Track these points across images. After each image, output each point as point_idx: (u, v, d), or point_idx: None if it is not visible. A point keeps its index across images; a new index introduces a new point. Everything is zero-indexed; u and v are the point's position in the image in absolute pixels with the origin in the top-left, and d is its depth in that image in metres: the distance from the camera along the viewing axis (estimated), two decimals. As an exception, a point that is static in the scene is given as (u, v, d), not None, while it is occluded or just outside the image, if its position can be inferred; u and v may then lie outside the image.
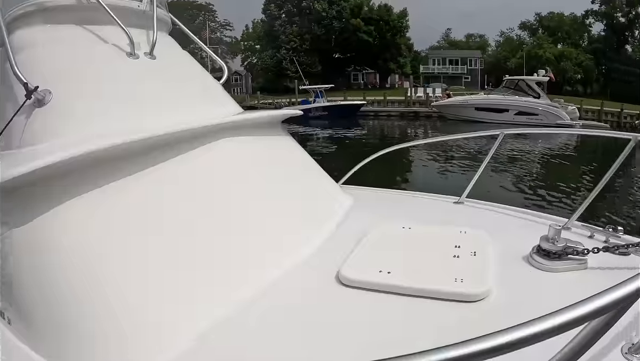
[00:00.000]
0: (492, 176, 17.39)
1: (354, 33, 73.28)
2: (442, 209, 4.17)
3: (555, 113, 40.20)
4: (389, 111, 50.17)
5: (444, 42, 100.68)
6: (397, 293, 2.36)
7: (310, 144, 28.65)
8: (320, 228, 3.26)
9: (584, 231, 3.37)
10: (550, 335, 0.99)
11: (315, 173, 3.96)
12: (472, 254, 2.76)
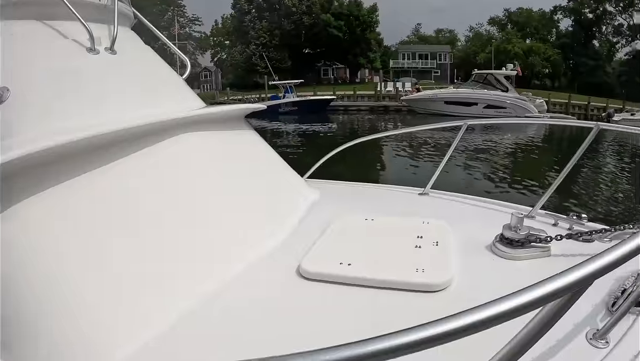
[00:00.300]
0: (463, 168, 17.75)
1: (324, 28, 73.31)
2: (407, 201, 4.17)
3: (523, 106, 41.23)
4: (359, 105, 50.51)
5: (414, 37, 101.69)
6: (357, 285, 2.35)
7: (280, 139, 28.73)
8: (284, 221, 3.25)
9: (548, 220, 3.45)
10: (503, 319, 0.99)
11: (279, 168, 3.93)
12: (434, 244, 2.76)
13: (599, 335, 1.89)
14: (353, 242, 2.84)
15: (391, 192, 4.55)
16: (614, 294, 2.16)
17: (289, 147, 24.05)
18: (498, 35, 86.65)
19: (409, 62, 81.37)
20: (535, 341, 1.18)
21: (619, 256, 1.13)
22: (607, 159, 23.89)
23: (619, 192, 16.33)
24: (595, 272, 1.09)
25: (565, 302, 1.12)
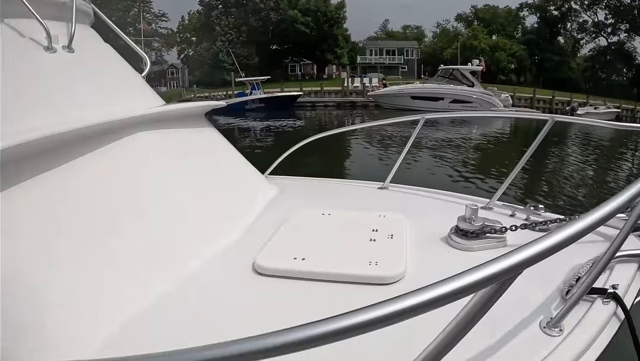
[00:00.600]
0: (428, 162, 18.01)
1: (292, 24, 72.80)
2: (366, 195, 4.24)
3: (488, 101, 41.92)
4: (326, 101, 50.49)
5: (381, 33, 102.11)
6: (311, 279, 2.38)
7: (248, 136, 28.59)
8: (241, 219, 3.26)
9: (506, 211, 3.55)
10: (430, 307, 1.00)
11: (238, 165, 3.94)
12: (389, 237, 2.79)
13: (553, 323, 1.92)
14: (308, 237, 2.85)
15: (351, 186, 4.68)
16: (569, 282, 2.20)
17: (256, 144, 24.00)
18: (465, 31, 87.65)
19: (377, 58, 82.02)
20: (468, 329, 1.17)
21: (547, 247, 1.13)
22: (570, 150, 24.64)
23: (579, 182, 16.77)
24: (523, 262, 1.09)
25: (495, 291, 1.11)
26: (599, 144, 28.33)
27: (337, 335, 0.95)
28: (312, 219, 3.16)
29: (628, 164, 23.37)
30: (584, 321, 1.96)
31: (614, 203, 1.40)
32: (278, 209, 3.51)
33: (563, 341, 1.85)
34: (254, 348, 0.95)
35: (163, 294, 2.27)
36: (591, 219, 1.30)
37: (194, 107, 3.54)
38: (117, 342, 1.94)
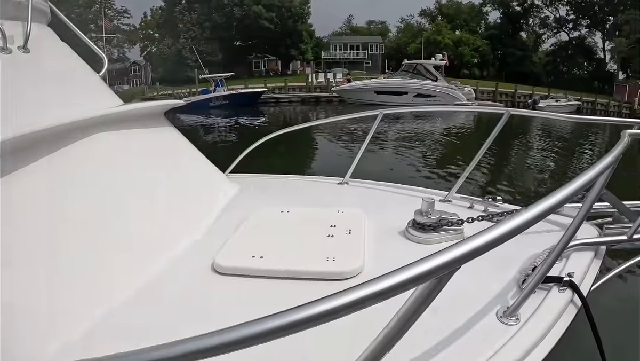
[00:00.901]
0: (391, 156, 18.26)
1: (256, 20, 72.06)
2: (326, 191, 4.29)
3: (452, 94, 42.63)
4: (290, 97, 50.42)
5: (346, 28, 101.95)
6: (269, 277, 2.39)
7: (212, 134, 28.28)
8: (203, 218, 3.25)
9: (464, 203, 3.63)
10: (370, 302, 1.01)
11: (199, 164, 3.92)
12: (348, 232, 2.81)
13: (509, 313, 1.96)
14: (267, 235, 2.86)
15: (311, 183, 4.69)
16: (525, 271, 2.27)
17: (219, 142, 23.77)
18: (429, 26, 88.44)
19: (341, 53, 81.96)
20: (412, 323, 1.18)
21: (486, 242, 1.14)
22: (531, 143, 25.28)
23: (539, 174, 17.24)
24: (461, 257, 1.09)
25: (435, 285, 1.12)
26: (560, 136, 29.03)
27: (273, 333, 0.96)
28: (271, 217, 3.17)
29: (588, 154, 24.05)
30: (541, 310, 2.00)
31: (562, 193, 1.42)
32: (238, 208, 3.49)
33: (520, 330, 1.89)
34: (200, 347, 0.95)
35: (122, 298, 2.24)
36: (536, 210, 1.31)
37: (152, 106, 3.54)
38: (75, 347, 1.89)
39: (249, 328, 0.95)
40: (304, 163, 17.83)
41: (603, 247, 2.68)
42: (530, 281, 2.01)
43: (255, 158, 4.87)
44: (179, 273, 2.54)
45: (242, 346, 0.95)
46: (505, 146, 20.94)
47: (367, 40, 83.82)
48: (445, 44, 75.19)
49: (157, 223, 2.89)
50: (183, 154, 3.80)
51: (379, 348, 1.21)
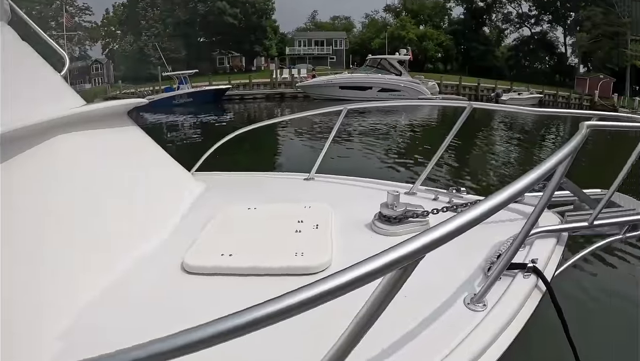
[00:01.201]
0: (357, 151, 18.31)
1: (219, 16, 71.42)
2: (293, 187, 4.31)
3: (416, 89, 43.17)
4: (255, 93, 50.14)
5: (310, 24, 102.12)
6: (239, 275, 2.38)
7: (176, 132, 27.70)
8: (169, 218, 3.23)
9: (429, 195, 3.72)
10: (339, 293, 1.03)
11: (164, 163, 3.88)
12: (315, 227, 2.84)
13: (476, 299, 2.02)
14: (235, 233, 2.85)
15: (278, 179, 4.80)
16: (490, 259, 2.33)
17: (184, 140, 23.35)
18: (393, 22, 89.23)
19: (305, 48, 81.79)
20: (380, 313, 1.20)
21: (448, 231, 1.18)
22: (494, 134, 25.93)
23: (502, 165, 17.77)
24: (425, 246, 1.12)
25: (400, 275, 1.15)
26: (522, 128, 29.75)
27: (240, 330, 0.97)
28: (238, 214, 3.15)
29: (549, 145, 24.68)
30: (507, 295, 2.07)
31: (522, 183, 1.49)
32: (205, 206, 3.48)
33: (487, 315, 1.94)
34: (164, 349, 0.94)
35: (90, 301, 2.20)
36: (497, 199, 1.36)
37: (115, 106, 3.51)
38: (40, 353, 1.86)
39: (223, 323, 0.97)
40: (270, 160, 17.76)
41: (565, 234, 2.78)
42: (496, 268, 2.06)
43: (220, 156, 4.86)
44: (147, 273, 2.52)
45: (216, 342, 0.96)
46: (469, 139, 21.34)
47: (331, 36, 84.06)
48: (409, 39, 76.02)
49: (123, 223, 2.85)
50: (147, 154, 3.75)
51: (349, 339, 1.22)
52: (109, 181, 3.02)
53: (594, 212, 2.77)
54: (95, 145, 3.15)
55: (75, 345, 1.91)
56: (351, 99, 37.61)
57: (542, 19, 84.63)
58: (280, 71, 57.67)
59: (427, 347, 1.79)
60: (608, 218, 2.93)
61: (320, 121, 23.93)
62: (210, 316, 1.03)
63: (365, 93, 41.80)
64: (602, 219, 2.86)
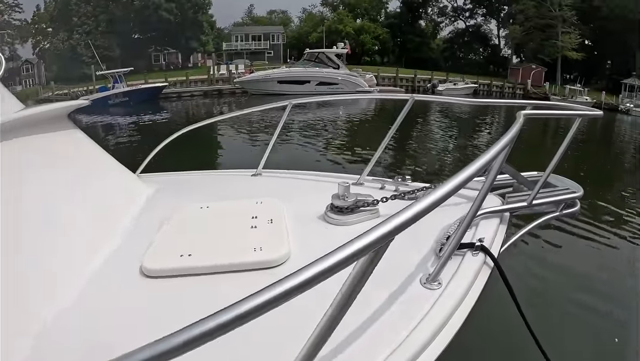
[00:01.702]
0: (300, 145, 18.81)
1: (155, 11, 69.94)
2: (241, 183, 4.35)
3: (354, 81, 43.73)
4: (192, 90, 49.48)
5: (247, 18, 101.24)
6: (200, 274, 2.36)
7: (113, 134, 27.03)
8: (120, 222, 3.15)
9: (376, 185, 3.84)
10: (320, 279, 1.09)
11: (108, 166, 3.78)
12: (269, 222, 2.86)
13: (431, 278, 2.15)
14: (191, 232, 2.82)
15: (225, 176, 4.81)
16: (441, 241, 2.47)
17: (123, 142, 22.97)
18: (330, 15, 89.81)
19: (242, 44, 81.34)
20: (356, 295, 1.29)
21: (415, 213, 1.30)
22: (433, 124, 26.50)
23: (442, 152, 18.98)
24: (395, 229, 1.22)
25: (373, 257, 1.24)
26: (459, 117, 30.55)
27: (225, 327, 1.00)
28: (191, 214, 3.11)
29: (485, 133, 25.51)
30: (459, 273, 2.21)
31: (471, 169, 1.64)
32: (155, 208, 3.43)
33: (443, 292, 2.07)
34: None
35: (48, 318, 2.09)
36: (452, 184, 1.51)
37: (56, 109, 3.38)
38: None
39: (217, 319, 0.99)
40: (216, 158, 17.90)
41: (507, 214, 3.01)
42: (447, 249, 2.21)
43: (164, 156, 4.84)
44: (106, 282, 2.45)
45: (204, 341, 0.97)
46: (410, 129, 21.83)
47: (268, 31, 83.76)
48: (346, 32, 76.66)
49: (72, 233, 2.77)
50: (91, 158, 3.66)
51: (330, 320, 1.30)
52: (54, 188, 2.92)
53: (532, 193, 3.02)
54: (38, 151, 3.06)
55: (40, 356, 1.89)
56: (290, 93, 37.91)
57: (477, 13, 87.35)
58: (217, 67, 57.02)
59: (391, 326, 1.88)
60: (545, 197, 3.19)
61: (259, 116, 24.12)
62: (178, 318, 1.17)
63: (304, 87, 42.13)
64: (539, 199, 3.10)
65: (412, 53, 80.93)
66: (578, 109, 3.22)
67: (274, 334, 1.85)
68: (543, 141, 22.48)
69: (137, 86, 44.73)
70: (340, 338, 1.78)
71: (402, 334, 1.83)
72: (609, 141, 33.67)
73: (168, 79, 49.72)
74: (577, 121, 3.09)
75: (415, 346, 1.78)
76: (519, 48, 78.10)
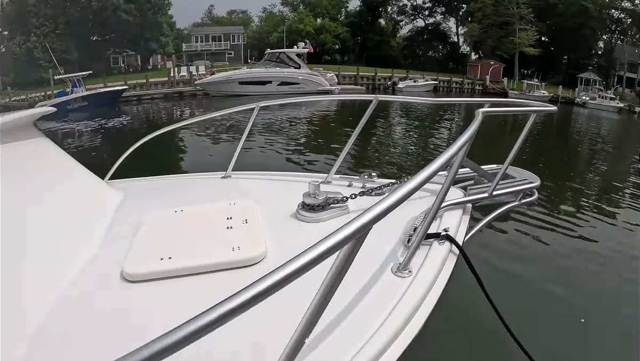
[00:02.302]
0: (267, 146, 19.06)
1: (113, 12, 68.44)
2: (212, 186, 4.38)
3: (315, 81, 43.97)
4: (153, 93, 48.38)
5: (207, 18, 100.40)
6: (182, 276, 2.40)
7: (74, 140, 25.88)
8: (94, 231, 3.12)
9: (343, 182, 3.99)
10: (307, 268, 1.19)
11: (77, 173, 3.74)
12: (244, 222, 2.92)
13: (402, 267, 2.30)
14: (168, 236, 2.84)
15: (195, 180, 4.81)
16: (409, 232, 2.61)
17: (86, 148, 22.28)
18: (291, 15, 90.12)
19: (203, 44, 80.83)
20: (340, 281, 1.42)
21: (389, 205, 1.45)
22: (396, 122, 26.97)
23: (405, 149, 19.57)
24: (373, 219, 1.38)
25: (354, 246, 1.37)
26: (421, 114, 31.18)
27: (215, 323, 1.05)
28: (166, 218, 3.14)
29: (445, 129, 26.07)
30: (428, 261, 2.37)
31: (436, 164, 1.82)
32: (128, 214, 3.43)
33: (414, 280, 2.22)
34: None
35: (30, 334, 2.08)
36: (419, 178, 1.69)
37: (21, 117, 3.33)
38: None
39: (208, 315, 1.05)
40: (184, 161, 18.00)
41: (469, 205, 3.20)
42: (415, 239, 2.37)
43: (132, 162, 4.84)
44: (87, 289, 2.45)
45: (199, 337, 1.03)
46: (374, 127, 22.20)
47: (229, 31, 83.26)
48: (307, 32, 76.89)
49: (46, 243, 2.73)
50: (60, 165, 3.62)
51: (317, 306, 1.43)
52: (23, 198, 2.87)
53: (492, 184, 3.22)
54: (3, 160, 2.96)
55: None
56: (252, 94, 37.92)
57: (436, 11, 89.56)
58: (178, 68, 56.03)
59: (367, 314, 2.01)
60: (505, 188, 3.39)
61: (223, 118, 23.98)
62: (162, 321, 1.32)
63: (265, 87, 42.22)
64: (499, 190, 3.30)
65: (372, 51, 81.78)
66: (533, 105, 3.46)
67: (259, 330, 1.93)
68: (502, 136, 23.18)
69: (97, 89, 43.40)
70: (318, 330, 1.82)
71: (377, 320, 1.95)
72: (566, 132, 35.03)
73: (128, 81, 48.44)
74: (532, 117, 3.30)
75: (391, 331, 1.91)
76: (478, 45, 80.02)
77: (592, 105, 56.68)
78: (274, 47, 55.85)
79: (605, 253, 8.71)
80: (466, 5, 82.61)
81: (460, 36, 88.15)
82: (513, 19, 71.05)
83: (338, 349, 1.82)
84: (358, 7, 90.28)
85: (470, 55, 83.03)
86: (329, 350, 1.82)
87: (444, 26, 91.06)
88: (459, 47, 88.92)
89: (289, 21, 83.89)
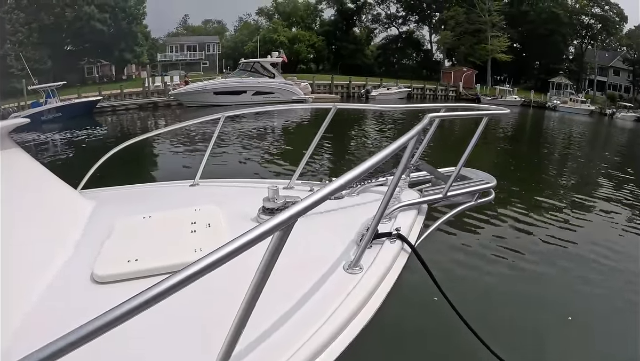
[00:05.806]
0: (237, 154, 19.75)
1: (87, 22, 67.60)
2: (180, 193, 4.57)
3: (289, 90, 44.33)
4: (127, 104, 47.78)
5: (181, 28, 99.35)
6: (147, 276, 2.50)
7: (48, 152, 25.54)
8: (66, 238, 3.23)
9: (305, 188, 4.12)
10: (241, 250, 1.35)
11: (51, 184, 3.82)
12: (207, 226, 3.09)
13: (353, 264, 2.45)
14: (136, 240, 2.97)
15: (165, 188, 4.97)
16: (361, 233, 2.75)
17: (60, 159, 22.21)
18: (266, 25, 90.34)
19: (177, 54, 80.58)
20: (272, 267, 1.57)
21: (313, 201, 1.62)
22: (364, 128, 27.52)
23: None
24: (298, 212, 1.54)
25: (283, 233, 1.53)
26: (390, 120, 31.66)
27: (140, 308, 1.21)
28: (135, 224, 3.26)
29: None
30: (378, 258, 2.53)
31: (365, 165, 1.99)
32: (99, 222, 3.51)
33: (364, 276, 2.38)
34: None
35: (9, 332, 2.17)
36: (345, 179, 1.85)
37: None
38: None
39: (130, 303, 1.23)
40: (154, 170, 18.28)
41: (425, 205, 3.39)
42: (365, 238, 2.54)
43: (103, 172, 4.98)
44: (58, 294, 2.55)
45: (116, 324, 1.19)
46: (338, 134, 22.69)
47: (204, 41, 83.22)
48: (281, 41, 77.11)
49: (20, 251, 2.79)
50: (32, 176, 3.68)
51: (253, 292, 1.59)
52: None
53: (447, 185, 3.37)
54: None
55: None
56: (226, 104, 37.92)
57: (410, 19, 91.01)
58: (152, 78, 55.79)
59: (316, 307, 2.14)
60: (461, 188, 3.54)
61: (195, 128, 24.07)
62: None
63: (240, 97, 42.28)
64: (455, 191, 3.45)
65: (347, 60, 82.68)
66: (486, 110, 3.63)
67: (194, 309, 2.09)
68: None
69: (71, 100, 42.95)
70: (267, 324, 2.01)
71: (326, 313, 2.08)
72: (538, 134, 36.29)
73: (102, 92, 48.22)
74: (484, 120, 3.45)
75: (337, 323, 2.04)
76: (451, 52, 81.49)
77: (563, 108, 58.25)
78: (248, 56, 56.05)
79: (562, 252, 9.35)
80: (439, 14, 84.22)
81: (434, 44, 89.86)
82: (485, 26, 72.79)
83: (285, 340, 1.94)
84: (333, 16, 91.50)
85: (444, 62, 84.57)
86: (276, 340, 1.95)
87: (418, 34, 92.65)
88: (433, 54, 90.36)
89: (263, 31, 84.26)
